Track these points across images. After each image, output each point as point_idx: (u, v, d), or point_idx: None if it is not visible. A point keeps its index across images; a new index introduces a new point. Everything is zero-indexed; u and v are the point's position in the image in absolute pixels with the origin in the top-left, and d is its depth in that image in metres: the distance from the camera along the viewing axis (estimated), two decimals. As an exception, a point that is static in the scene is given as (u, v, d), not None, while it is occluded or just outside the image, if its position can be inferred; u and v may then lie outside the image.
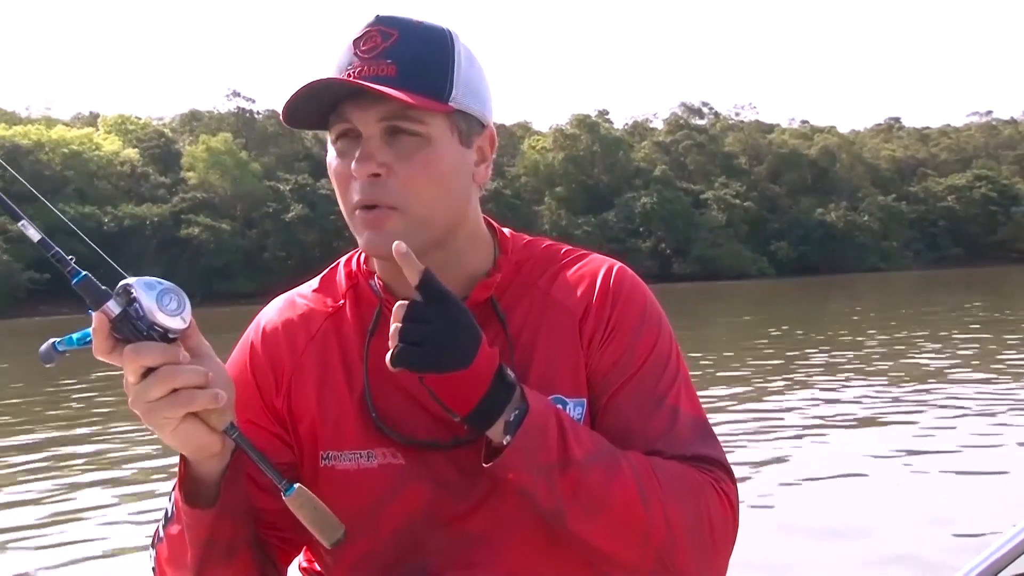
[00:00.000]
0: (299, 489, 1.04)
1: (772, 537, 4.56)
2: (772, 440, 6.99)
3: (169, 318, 0.99)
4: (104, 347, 0.99)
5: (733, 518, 1.17)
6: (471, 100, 1.16)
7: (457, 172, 1.16)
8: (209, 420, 1.02)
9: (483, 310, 1.19)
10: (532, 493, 1.08)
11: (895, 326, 17.61)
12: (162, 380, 0.98)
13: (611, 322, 1.20)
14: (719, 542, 1.14)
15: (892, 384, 9.67)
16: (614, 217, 67.74)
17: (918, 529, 4.64)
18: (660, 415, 1.18)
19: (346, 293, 1.26)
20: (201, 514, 1.08)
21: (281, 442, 1.22)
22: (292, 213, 58.62)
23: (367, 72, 1.11)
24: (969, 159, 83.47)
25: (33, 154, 56.15)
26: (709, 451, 1.18)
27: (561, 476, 1.07)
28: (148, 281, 1.00)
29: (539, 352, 1.19)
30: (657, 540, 1.10)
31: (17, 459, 7.76)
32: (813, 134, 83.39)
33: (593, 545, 1.11)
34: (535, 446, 1.06)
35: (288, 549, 1.25)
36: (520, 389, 1.08)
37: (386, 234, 1.12)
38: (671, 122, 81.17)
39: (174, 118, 74.94)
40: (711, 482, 1.15)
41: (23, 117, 66.59)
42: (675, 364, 1.22)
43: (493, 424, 1.07)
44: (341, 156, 1.15)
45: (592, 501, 1.08)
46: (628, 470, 1.10)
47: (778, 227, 71.18)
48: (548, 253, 1.27)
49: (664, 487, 1.11)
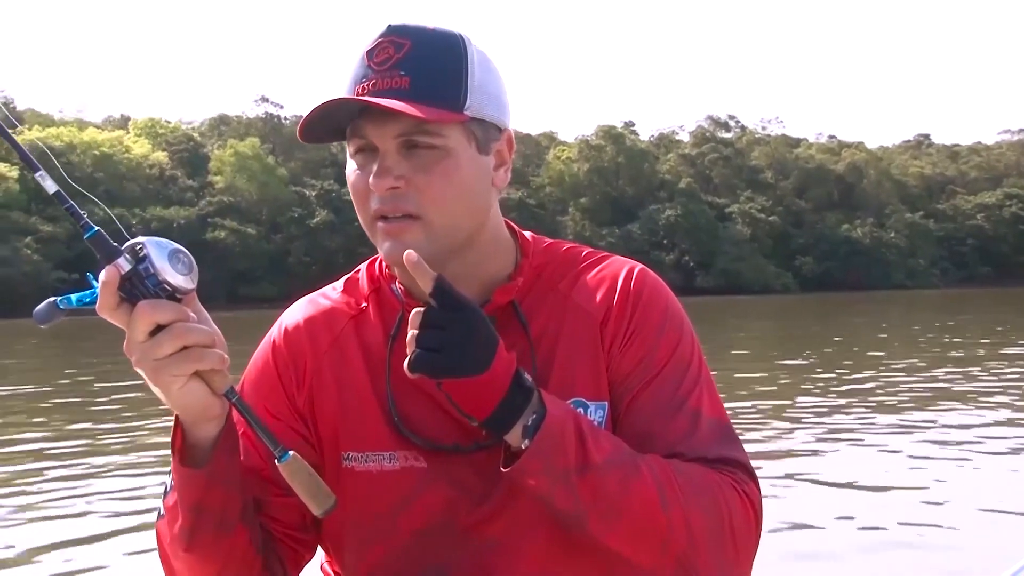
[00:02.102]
0: (293, 456, 1.05)
1: (788, 549, 4.53)
2: (791, 455, 6.95)
3: (180, 277, 0.99)
4: (110, 303, 0.99)
5: (756, 521, 1.15)
6: (487, 106, 1.15)
7: (476, 180, 1.16)
8: (212, 382, 1.04)
9: (504, 314, 1.19)
10: (550, 497, 1.08)
11: (922, 345, 17.43)
12: (174, 337, 0.99)
13: (632, 324, 1.20)
14: (741, 545, 1.13)
15: (916, 405, 9.57)
16: (638, 229, 67.66)
17: (936, 551, 4.60)
18: (681, 417, 1.17)
19: (369, 296, 1.26)
20: (192, 473, 1.08)
21: (303, 440, 1.22)
22: (317, 218, 59.02)
23: (380, 86, 1.10)
24: (1000, 177, 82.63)
25: (65, 156, 56.86)
26: (731, 453, 1.17)
27: (580, 480, 1.06)
28: (158, 241, 1.00)
29: (560, 355, 1.19)
30: (677, 544, 1.09)
31: (47, 448, 7.84)
32: (840, 149, 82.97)
33: (612, 549, 1.10)
34: (553, 450, 1.05)
35: (300, 550, 1.24)
36: (538, 393, 1.08)
37: (406, 244, 1.11)
38: (697, 135, 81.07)
39: (203, 122, 75.88)
40: (732, 484, 1.14)
41: (56, 119, 67.54)
42: (697, 366, 1.21)
43: (511, 429, 1.06)
44: (359, 169, 1.15)
45: (611, 505, 1.07)
46: (647, 474, 1.09)
47: (803, 242, 70.83)
48: (569, 256, 1.27)
49: (684, 491, 1.10)
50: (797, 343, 19.04)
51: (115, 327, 1.02)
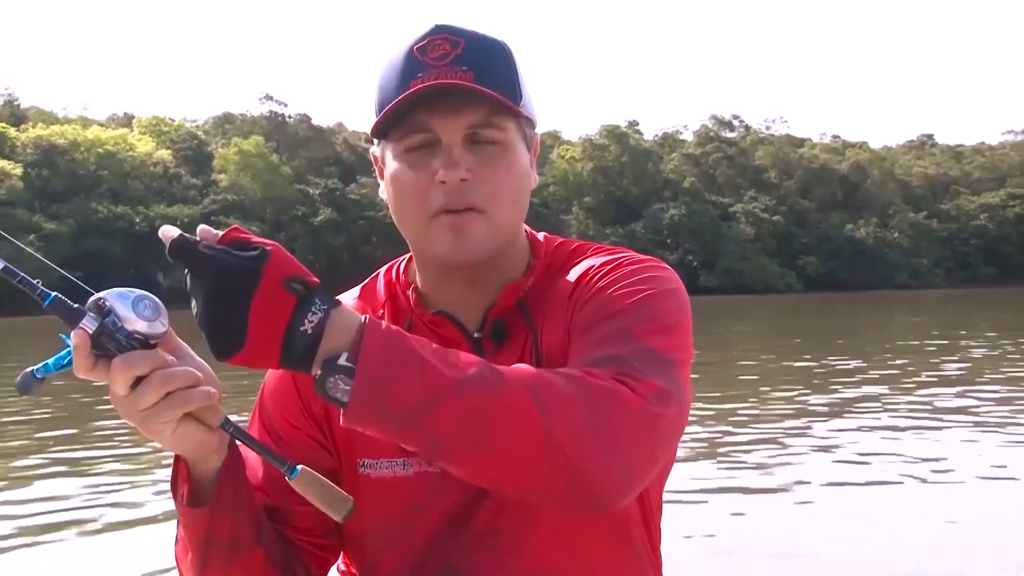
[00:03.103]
0: (302, 470, 1.02)
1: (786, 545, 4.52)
2: (789, 460, 6.95)
3: (148, 324, 0.97)
4: (85, 364, 0.96)
5: (648, 411, 1.01)
6: (530, 107, 1.18)
7: (527, 176, 1.19)
8: (205, 418, 1.01)
9: (512, 315, 1.20)
10: (401, 441, 0.98)
11: (928, 346, 17.41)
12: (155, 386, 0.96)
13: (596, 282, 1.16)
14: (633, 438, 1.00)
15: (918, 407, 9.56)
16: (642, 228, 67.65)
17: (933, 552, 4.59)
18: (614, 343, 1.07)
19: (385, 303, 1.26)
20: (196, 512, 1.07)
21: (320, 446, 1.23)
22: (321, 217, 59.00)
23: (444, 78, 1.09)
24: (1003, 177, 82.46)
25: (69, 153, 57.00)
26: (641, 366, 1.04)
27: (431, 414, 0.94)
28: (120, 292, 0.98)
29: (557, 348, 1.16)
30: (563, 450, 0.96)
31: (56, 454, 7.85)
32: (844, 149, 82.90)
33: (491, 479, 1.00)
34: (382, 394, 0.94)
35: (324, 555, 1.25)
36: (355, 336, 0.96)
37: (470, 238, 1.12)
38: (701, 134, 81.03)
39: (207, 120, 75.95)
40: (612, 375, 1.01)
41: (60, 117, 67.67)
42: (668, 325, 1.11)
43: (325, 389, 0.95)
44: (414, 166, 1.13)
45: (481, 427, 0.95)
46: (514, 381, 0.97)
47: (807, 242, 70.77)
48: (577, 252, 1.26)
49: (564, 391, 0.98)
50: (802, 342, 19.00)
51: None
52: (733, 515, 5.17)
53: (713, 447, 7.15)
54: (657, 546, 1.28)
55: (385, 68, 1.14)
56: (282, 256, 0.96)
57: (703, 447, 7.06)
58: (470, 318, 1.21)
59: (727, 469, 6.32)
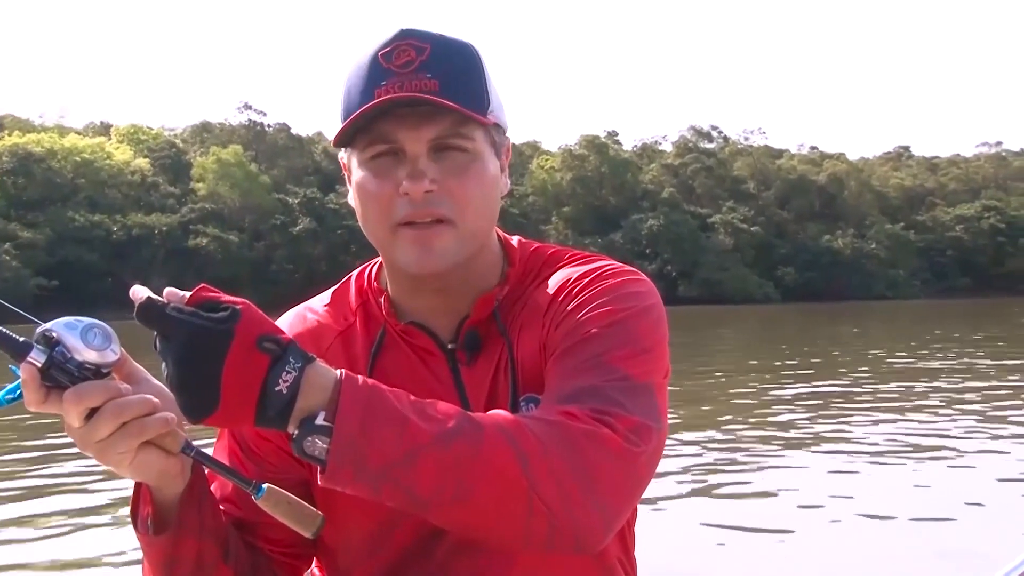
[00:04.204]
0: (269, 489, 1.00)
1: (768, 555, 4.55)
2: (773, 468, 6.98)
3: (98, 353, 0.94)
4: (36, 398, 0.93)
5: (629, 451, 1.00)
6: (499, 111, 1.15)
7: (496, 184, 1.15)
8: (164, 444, 0.98)
9: (486, 327, 1.17)
10: (379, 499, 0.95)
11: (904, 357, 17.55)
12: (109, 417, 0.93)
13: (571, 300, 1.13)
14: (615, 480, 0.99)
15: (899, 415, 9.64)
16: (621, 238, 67.85)
17: (914, 561, 4.63)
18: (595, 375, 1.04)
19: (356, 311, 1.23)
20: (155, 540, 1.05)
21: (291, 457, 1.18)
22: (300, 226, 58.78)
23: (408, 87, 1.06)
24: (978, 189, 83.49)
25: (45, 162, 56.49)
26: (620, 398, 1.02)
27: (409, 471, 0.92)
28: (67, 322, 0.95)
29: (531, 360, 1.14)
30: (545, 501, 0.94)
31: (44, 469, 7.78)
32: (822, 160, 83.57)
33: (472, 529, 0.98)
34: (359, 454, 0.92)
35: (296, 564, 1.23)
36: (332, 396, 0.94)
37: (435, 251, 1.09)
38: (680, 145, 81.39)
39: (185, 129, 75.53)
40: (596, 416, 0.99)
41: (37, 125, 67.05)
42: (645, 347, 1.08)
43: (304, 449, 0.93)
44: (379, 175, 1.10)
45: (461, 481, 0.93)
46: (494, 432, 0.95)
47: (785, 252, 71.22)
48: (552, 259, 1.23)
49: (543, 439, 0.96)
50: (781, 351, 19.11)
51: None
52: (703, 524, 5.21)
53: (688, 464, 7.16)
54: (631, 551, 1.28)
55: (350, 74, 1.11)
56: (253, 314, 0.94)
57: (679, 461, 7.07)
58: (443, 328, 1.18)
59: (702, 483, 6.34)
